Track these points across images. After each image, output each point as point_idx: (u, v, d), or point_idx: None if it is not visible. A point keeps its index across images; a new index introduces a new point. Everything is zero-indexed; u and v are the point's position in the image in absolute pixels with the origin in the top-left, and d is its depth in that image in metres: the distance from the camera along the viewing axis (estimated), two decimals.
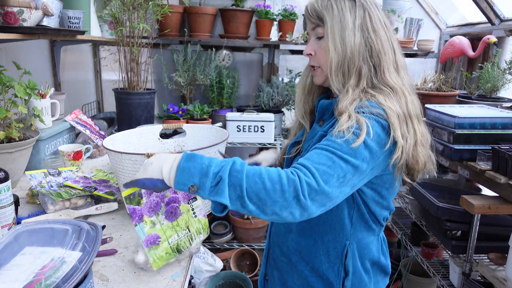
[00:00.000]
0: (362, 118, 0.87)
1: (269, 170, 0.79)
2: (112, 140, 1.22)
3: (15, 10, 1.27)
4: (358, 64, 0.94)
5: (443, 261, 2.06)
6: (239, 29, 2.65)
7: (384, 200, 1.00)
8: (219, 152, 1.17)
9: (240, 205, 0.78)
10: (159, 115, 2.56)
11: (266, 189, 0.77)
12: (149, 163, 0.83)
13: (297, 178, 0.78)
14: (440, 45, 2.97)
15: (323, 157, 0.83)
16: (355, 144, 0.83)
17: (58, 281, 0.62)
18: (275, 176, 0.78)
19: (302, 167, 0.81)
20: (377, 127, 0.87)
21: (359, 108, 0.91)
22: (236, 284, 2.32)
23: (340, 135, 0.85)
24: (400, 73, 0.98)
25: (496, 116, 1.51)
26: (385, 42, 0.96)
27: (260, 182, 0.77)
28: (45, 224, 0.78)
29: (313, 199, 0.78)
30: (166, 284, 0.89)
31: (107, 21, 2.23)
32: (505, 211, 1.45)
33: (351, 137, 0.84)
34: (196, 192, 0.78)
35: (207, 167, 0.78)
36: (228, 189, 0.77)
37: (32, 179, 1.28)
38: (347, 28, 0.94)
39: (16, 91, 1.34)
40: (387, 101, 0.91)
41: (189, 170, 0.78)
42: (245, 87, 2.98)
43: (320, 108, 1.05)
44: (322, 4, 0.97)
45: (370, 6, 0.96)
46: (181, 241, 0.97)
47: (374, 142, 0.86)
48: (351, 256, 1.01)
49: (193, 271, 2.28)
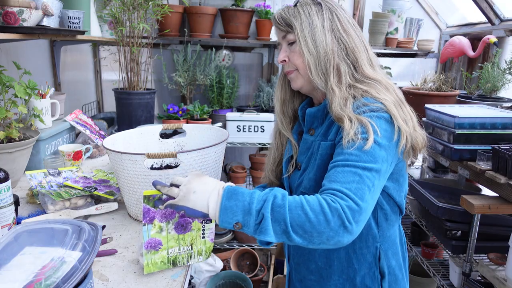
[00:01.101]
0: (364, 119, 0.88)
1: (310, 201, 0.79)
2: (112, 140, 1.22)
3: (15, 10, 1.27)
4: (335, 62, 0.97)
5: (443, 261, 2.06)
6: (239, 29, 2.65)
7: (402, 186, 1.02)
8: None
9: (286, 238, 0.78)
10: (159, 115, 2.57)
11: (311, 221, 0.77)
12: (191, 191, 0.82)
13: (338, 206, 0.78)
14: (440, 45, 2.97)
15: (348, 174, 0.83)
16: (367, 146, 0.84)
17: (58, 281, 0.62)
18: (316, 207, 0.78)
19: (337, 192, 0.81)
20: (382, 123, 0.89)
21: (357, 108, 0.91)
22: (236, 284, 2.32)
23: (350, 144, 0.86)
24: (375, 69, 1.02)
25: (496, 116, 1.51)
26: (357, 41, 1.00)
27: (303, 214, 0.77)
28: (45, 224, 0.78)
29: (357, 221, 0.79)
30: (166, 284, 0.89)
31: (107, 21, 2.23)
32: (505, 211, 1.45)
33: (362, 143, 0.85)
34: (241, 229, 0.80)
35: (249, 204, 0.79)
36: (272, 226, 0.77)
37: (32, 179, 1.28)
38: (316, 30, 0.97)
39: (16, 91, 1.34)
40: (380, 94, 0.94)
41: (232, 209, 0.79)
42: (245, 87, 2.98)
43: (308, 117, 1.06)
44: (289, 12, 1.00)
45: (336, 8, 1.00)
46: (180, 255, 0.96)
47: (384, 139, 0.87)
48: (384, 257, 1.02)
49: (193, 271, 2.28)
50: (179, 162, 1.06)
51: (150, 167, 1.18)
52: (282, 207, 0.78)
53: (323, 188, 0.84)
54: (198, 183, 0.83)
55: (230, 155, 3.04)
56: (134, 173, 1.07)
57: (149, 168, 1.06)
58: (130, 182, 1.09)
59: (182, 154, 1.05)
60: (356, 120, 0.88)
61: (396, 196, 1.00)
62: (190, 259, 0.97)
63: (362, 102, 0.92)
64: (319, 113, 1.03)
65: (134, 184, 1.09)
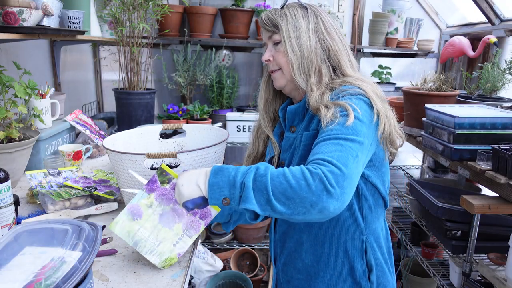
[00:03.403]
0: (342, 102, 0.92)
1: (292, 169, 0.80)
2: (112, 140, 1.22)
3: (15, 10, 1.27)
4: (317, 63, 1.01)
5: (443, 261, 2.06)
6: (239, 29, 2.65)
7: (384, 176, 1.04)
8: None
9: (270, 209, 0.78)
10: (159, 115, 2.57)
11: (292, 187, 0.76)
12: (179, 186, 0.86)
13: (320, 171, 0.77)
14: (440, 45, 2.96)
15: (330, 145, 0.84)
16: (349, 122, 0.86)
17: (58, 281, 0.62)
18: (298, 173, 0.78)
19: (319, 160, 0.81)
20: (362, 103, 0.92)
21: (336, 95, 0.95)
22: (236, 284, 2.32)
23: (330, 123, 0.89)
24: (356, 72, 1.05)
25: (496, 116, 1.51)
26: (340, 44, 1.04)
27: (285, 181, 0.77)
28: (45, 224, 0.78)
29: (341, 186, 0.77)
30: (166, 284, 0.89)
31: (107, 21, 2.23)
32: (505, 211, 1.45)
33: (342, 120, 0.88)
34: (229, 204, 0.81)
35: (233, 178, 0.81)
36: (254, 195, 0.78)
37: (32, 179, 1.28)
38: (301, 31, 1.01)
39: (16, 91, 1.34)
40: (358, 82, 0.98)
41: (218, 184, 0.81)
42: (245, 87, 2.98)
43: (289, 114, 1.09)
44: (276, 13, 1.04)
45: (321, 13, 1.04)
46: (145, 241, 0.92)
47: (364, 117, 0.90)
48: (370, 250, 1.03)
49: (193, 271, 2.28)
50: (179, 162, 1.06)
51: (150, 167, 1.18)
52: (263, 176, 0.79)
53: (306, 162, 0.85)
54: (183, 178, 0.87)
55: (230, 155, 3.04)
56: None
57: (149, 168, 1.06)
58: (130, 182, 1.09)
59: (182, 154, 1.05)
60: (332, 105, 0.92)
61: (379, 186, 1.02)
62: (148, 253, 0.93)
63: (341, 89, 0.97)
64: (300, 109, 1.06)
65: (134, 184, 1.09)
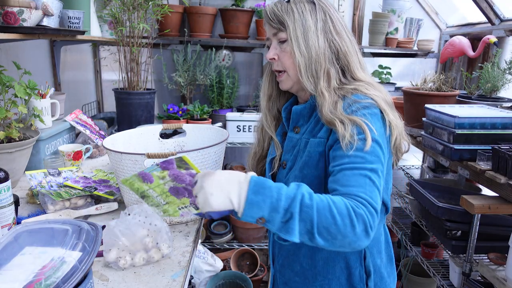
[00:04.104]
0: (357, 118, 0.88)
1: (336, 203, 0.78)
2: (112, 140, 1.22)
3: (15, 10, 1.27)
4: (325, 66, 0.95)
5: (443, 261, 2.06)
6: (239, 29, 2.65)
7: (388, 183, 1.02)
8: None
9: (308, 239, 0.77)
10: (159, 115, 2.57)
11: (337, 224, 0.76)
12: (209, 193, 0.77)
13: (363, 212, 0.78)
14: (440, 45, 2.96)
15: (359, 178, 0.83)
16: (367, 147, 0.85)
17: (58, 281, 0.62)
18: (343, 210, 0.77)
19: (357, 197, 0.80)
20: (376, 120, 0.90)
21: (348, 106, 0.91)
22: (236, 284, 2.32)
23: (349, 146, 0.86)
24: (365, 72, 1.02)
25: (496, 116, 1.51)
26: (349, 44, 0.98)
27: (331, 217, 0.76)
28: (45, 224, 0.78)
29: (375, 226, 0.80)
30: (166, 284, 0.89)
31: (107, 21, 2.23)
32: (505, 211, 1.45)
33: (361, 144, 0.85)
34: (263, 224, 0.77)
35: (277, 201, 0.76)
36: (298, 226, 0.75)
37: (32, 179, 1.28)
38: (309, 30, 0.95)
39: (16, 91, 1.34)
40: (369, 90, 0.94)
41: (258, 204, 0.76)
42: (245, 87, 2.98)
43: (294, 114, 1.05)
44: (282, 8, 0.96)
45: (329, 9, 0.98)
46: (152, 198, 0.91)
47: (381, 137, 0.88)
48: (369, 256, 1.01)
49: (193, 271, 2.28)
50: None
51: None
52: (310, 208, 0.76)
53: (338, 192, 0.83)
54: (212, 185, 0.78)
55: (230, 155, 3.04)
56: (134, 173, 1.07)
57: None
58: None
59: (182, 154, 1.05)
60: (348, 121, 0.88)
61: (383, 193, 0.99)
62: (153, 205, 0.93)
63: (352, 99, 0.92)
64: (305, 111, 1.03)
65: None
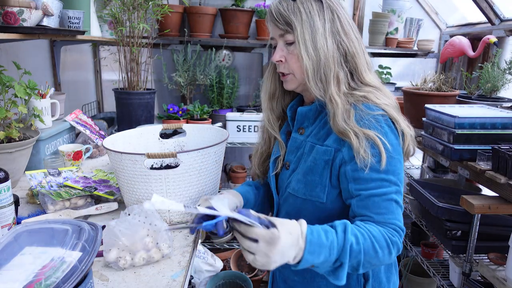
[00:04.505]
0: (371, 133, 0.87)
1: (377, 237, 0.83)
2: (112, 140, 1.22)
3: (15, 10, 1.27)
4: (335, 70, 0.92)
5: (443, 261, 2.06)
6: (239, 29, 2.65)
7: None
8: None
9: (350, 272, 0.84)
10: (159, 115, 2.57)
11: (379, 257, 0.83)
12: (273, 261, 0.75)
13: (397, 239, 0.86)
14: (440, 45, 2.97)
15: (388, 204, 0.87)
16: (382, 165, 0.86)
17: (58, 281, 0.62)
18: (383, 243, 0.84)
19: (391, 225, 0.87)
20: (389, 132, 0.89)
21: (361, 119, 0.89)
22: (236, 284, 2.32)
23: (364, 163, 0.87)
24: (372, 72, 0.99)
25: (496, 116, 1.51)
26: (357, 45, 0.95)
27: (374, 253, 0.82)
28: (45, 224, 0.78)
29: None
30: (166, 284, 0.89)
31: (107, 21, 2.23)
32: (505, 211, 1.45)
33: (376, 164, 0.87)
34: (311, 268, 0.81)
35: (329, 255, 0.79)
36: (346, 271, 0.80)
37: (32, 179, 1.28)
38: (318, 33, 0.91)
39: (16, 91, 1.34)
40: (380, 99, 0.92)
41: (313, 261, 0.78)
42: (245, 87, 2.98)
43: (299, 116, 1.02)
44: (288, 8, 0.92)
45: (337, 7, 0.94)
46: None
47: (395, 150, 0.89)
48: None
49: (193, 271, 2.28)
50: (179, 162, 1.06)
51: (150, 167, 1.18)
52: (358, 252, 0.81)
53: (372, 220, 0.87)
54: (276, 253, 0.75)
55: (230, 155, 3.04)
56: (134, 173, 1.07)
57: (149, 168, 1.06)
58: (130, 182, 1.09)
59: (182, 154, 1.05)
60: (362, 135, 0.87)
61: None
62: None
63: (365, 111, 0.90)
64: (311, 113, 1.00)
65: (134, 184, 1.09)
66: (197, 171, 1.09)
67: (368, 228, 0.84)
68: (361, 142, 0.87)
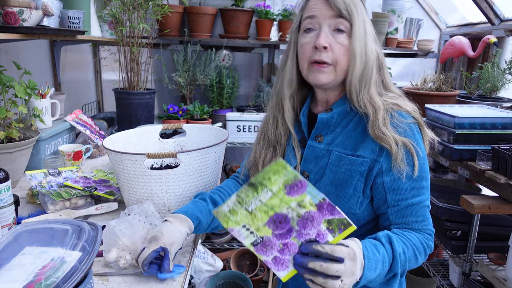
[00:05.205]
0: (407, 141, 0.88)
1: (416, 245, 0.88)
2: (112, 140, 1.22)
3: (15, 10, 1.27)
4: (375, 74, 0.92)
5: (443, 261, 2.06)
6: (239, 29, 2.65)
7: None
8: None
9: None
10: (159, 115, 2.57)
11: (418, 262, 0.90)
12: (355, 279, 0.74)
13: (431, 243, 0.92)
14: (440, 45, 2.97)
15: (423, 211, 0.91)
16: (415, 173, 0.89)
17: (58, 281, 0.62)
18: (421, 248, 0.89)
19: (428, 230, 0.92)
20: (420, 141, 0.92)
21: (397, 126, 0.89)
22: (236, 284, 2.32)
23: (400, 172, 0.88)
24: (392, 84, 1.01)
25: (496, 116, 1.51)
26: (383, 57, 0.97)
27: (414, 260, 0.88)
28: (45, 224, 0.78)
29: None
30: (166, 284, 0.89)
31: (107, 21, 2.23)
32: (505, 211, 1.45)
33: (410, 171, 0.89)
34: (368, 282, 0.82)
35: (383, 268, 0.81)
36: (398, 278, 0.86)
37: (32, 179, 1.28)
38: (368, 31, 0.90)
39: (16, 91, 1.34)
40: (408, 105, 0.94)
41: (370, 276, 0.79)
42: (245, 87, 2.98)
43: (320, 124, 0.96)
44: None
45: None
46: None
47: (425, 157, 0.92)
48: None
49: (193, 271, 2.28)
50: (179, 162, 1.06)
51: (150, 167, 1.18)
52: (405, 261, 0.85)
53: (411, 227, 0.91)
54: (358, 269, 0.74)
55: (230, 155, 3.04)
56: (134, 173, 1.07)
57: (149, 168, 1.06)
58: (130, 182, 1.09)
59: (182, 154, 1.05)
60: (401, 143, 0.87)
61: None
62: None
63: (399, 119, 0.90)
64: (333, 120, 0.95)
65: (134, 184, 1.09)
66: (197, 171, 1.09)
67: (408, 237, 0.88)
68: (400, 150, 0.87)
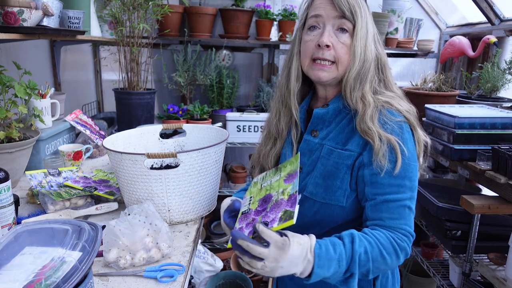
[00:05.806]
0: (392, 138, 0.88)
1: (384, 244, 0.85)
2: (112, 140, 1.22)
3: (15, 10, 1.27)
4: (372, 73, 0.95)
5: (443, 261, 2.06)
6: (239, 29, 2.65)
7: None
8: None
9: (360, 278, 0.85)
10: (159, 115, 2.57)
11: (387, 264, 0.86)
12: (279, 267, 0.77)
13: (406, 244, 0.88)
14: (440, 45, 2.97)
15: (401, 210, 0.89)
16: (396, 170, 0.88)
17: (58, 281, 0.62)
18: (390, 249, 0.86)
19: (401, 230, 0.89)
20: (409, 140, 0.91)
21: (384, 123, 0.91)
22: (236, 284, 2.32)
23: (380, 167, 0.88)
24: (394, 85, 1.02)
25: (496, 116, 1.51)
26: (385, 57, 0.98)
27: (382, 260, 0.85)
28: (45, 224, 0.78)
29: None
30: (166, 284, 0.89)
31: (107, 21, 2.23)
32: (505, 211, 1.45)
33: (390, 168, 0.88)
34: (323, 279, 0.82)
35: (339, 267, 0.81)
36: (357, 279, 0.83)
37: (32, 179, 1.28)
38: (369, 33, 0.93)
39: (16, 91, 1.34)
40: (401, 105, 0.95)
41: (323, 274, 0.80)
42: (245, 87, 2.98)
43: (315, 118, 1.01)
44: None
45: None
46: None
47: (412, 156, 0.91)
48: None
49: (193, 271, 2.28)
50: (179, 162, 1.06)
51: (150, 167, 1.18)
52: (367, 261, 0.83)
53: (384, 224, 0.89)
54: (285, 259, 0.77)
55: (230, 155, 3.04)
56: (134, 173, 1.07)
57: (149, 168, 1.06)
58: (130, 182, 1.09)
59: (182, 154, 1.05)
60: (385, 139, 0.88)
61: None
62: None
63: (388, 116, 0.91)
64: (327, 116, 0.99)
65: (134, 184, 1.09)
66: (197, 171, 1.09)
67: (375, 236, 0.86)
68: (383, 146, 0.88)
